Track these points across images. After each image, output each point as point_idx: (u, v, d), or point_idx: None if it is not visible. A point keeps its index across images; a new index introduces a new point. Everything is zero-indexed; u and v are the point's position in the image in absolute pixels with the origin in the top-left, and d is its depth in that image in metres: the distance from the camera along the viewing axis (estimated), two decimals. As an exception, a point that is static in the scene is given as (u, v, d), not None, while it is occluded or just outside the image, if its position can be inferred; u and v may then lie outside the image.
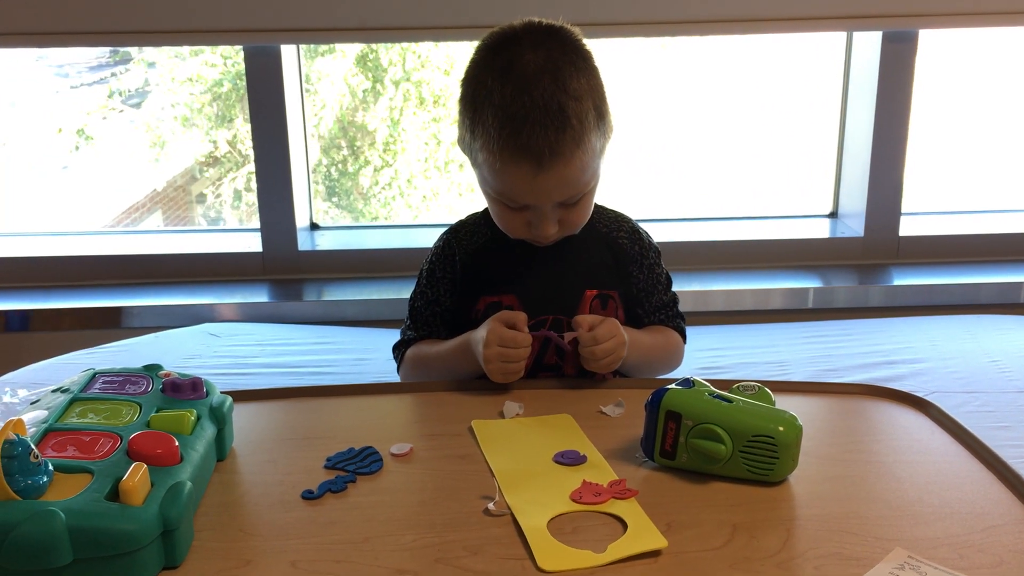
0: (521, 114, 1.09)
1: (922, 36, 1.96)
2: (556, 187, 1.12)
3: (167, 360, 1.65)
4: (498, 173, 1.13)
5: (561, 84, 1.10)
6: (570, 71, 1.11)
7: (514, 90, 1.10)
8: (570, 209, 1.17)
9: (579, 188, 1.14)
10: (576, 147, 1.10)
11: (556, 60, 1.11)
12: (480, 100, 1.13)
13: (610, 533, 0.83)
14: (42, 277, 2.06)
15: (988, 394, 1.51)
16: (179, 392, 0.97)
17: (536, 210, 1.15)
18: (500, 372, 1.15)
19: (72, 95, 3.20)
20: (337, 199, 3.25)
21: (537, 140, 1.08)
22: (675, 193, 2.77)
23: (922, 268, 2.08)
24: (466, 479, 0.93)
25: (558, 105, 1.09)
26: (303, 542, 0.82)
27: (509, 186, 1.14)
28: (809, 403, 1.12)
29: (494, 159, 1.12)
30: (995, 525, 0.84)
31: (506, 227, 1.21)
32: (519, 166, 1.10)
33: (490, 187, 1.17)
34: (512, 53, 1.12)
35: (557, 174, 1.10)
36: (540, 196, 1.13)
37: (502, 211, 1.19)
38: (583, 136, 1.10)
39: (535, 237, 1.19)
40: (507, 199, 1.16)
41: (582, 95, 1.11)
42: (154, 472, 0.80)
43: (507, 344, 1.14)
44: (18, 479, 0.75)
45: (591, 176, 1.15)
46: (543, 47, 1.12)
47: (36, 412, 0.90)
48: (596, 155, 1.15)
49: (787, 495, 0.89)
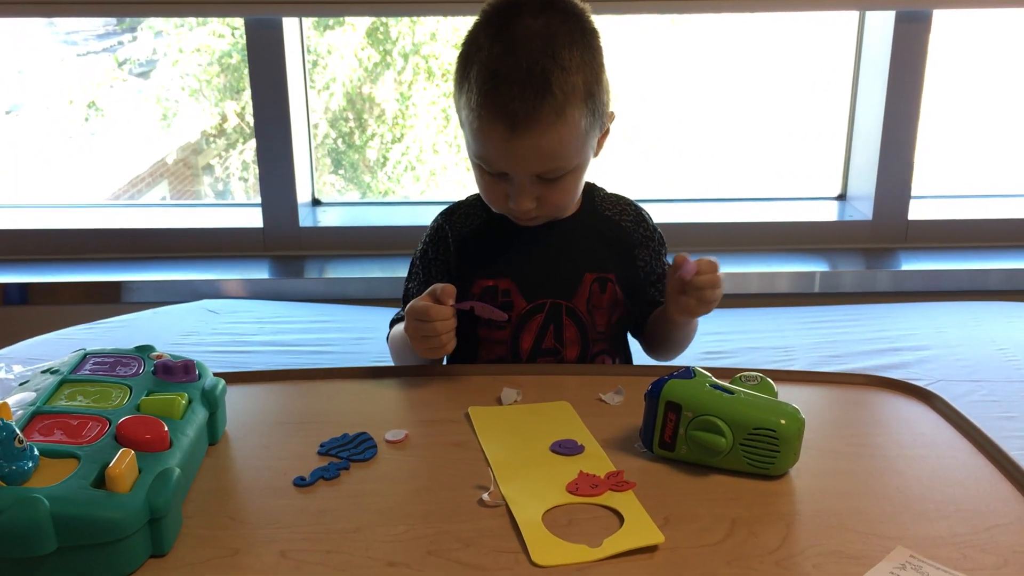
0: (503, 72, 1.06)
1: (936, 16, 1.93)
2: (531, 156, 1.09)
3: (165, 337, 1.66)
4: (476, 133, 1.11)
5: (551, 51, 1.06)
6: (565, 41, 1.08)
7: (503, 50, 1.07)
8: (549, 186, 1.13)
9: (557, 163, 1.11)
10: (556, 118, 1.07)
11: (553, 28, 1.08)
12: (471, 57, 1.11)
13: (606, 527, 0.81)
14: (42, 250, 2.05)
15: (994, 383, 1.49)
16: (171, 375, 0.95)
17: (513, 181, 1.13)
18: (423, 347, 1.13)
19: (79, 63, 3.18)
20: (344, 172, 3.23)
21: (514, 102, 1.06)
22: (683, 173, 2.74)
23: (930, 253, 2.06)
24: (461, 467, 0.92)
25: (542, 70, 1.06)
26: (293, 531, 0.81)
27: (486, 148, 1.11)
28: (812, 393, 1.10)
29: (473, 117, 1.10)
30: (999, 524, 0.82)
31: (487, 197, 1.19)
32: (494, 127, 1.08)
33: (471, 149, 1.15)
34: (512, 15, 1.09)
35: (532, 142, 1.07)
36: (514, 163, 1.10)
37: (481, 177, 1.16)
38: (565, 108, 1.07)
39: (513, 212, 1.16)
40: (485, 163, 1.13)
41: (571, 67, 1.07)
42: (142, 458, 0.79)
43: (420, 318, 1.11)
44: (2, 464, 0.73)
45: (573, 154, 1.11)
46: (544, 14, 1.09)
47: (24, 394, 0.89)
48: (580, 134, 1.10)
49: (788, 489, 0.88)
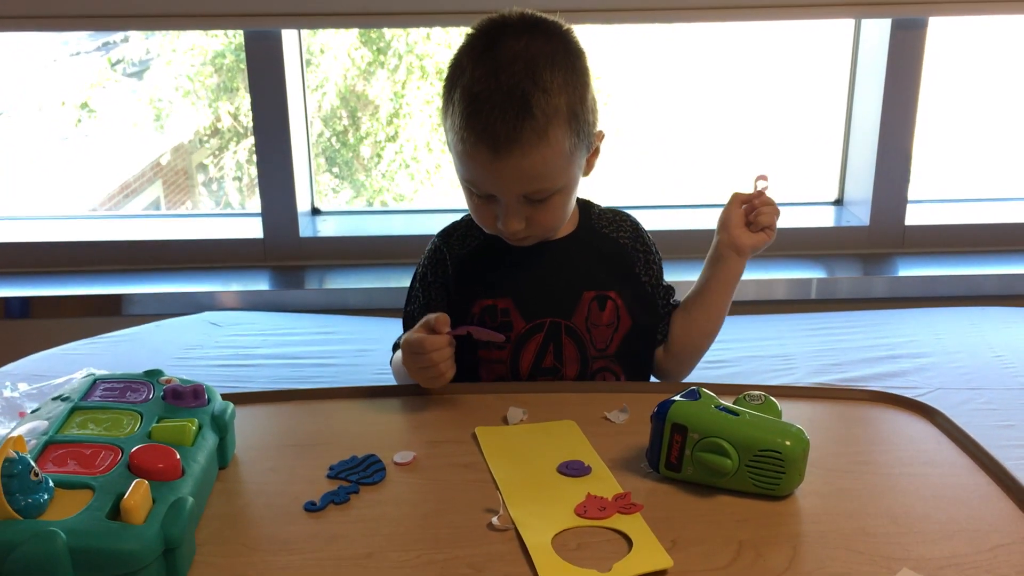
0: (484, 95, 1.07)
1: (931, 23, 1.94)
2: (514, 177, 1.10)
3: (168, 350, 1.66)
4: (461, 156, 1.12)
5: (531, 73, 1.07)
6: (547, 63, 1.08)
7: (484, 72, 1.08)
8: (537, 207, 1.14)
9: (542, 184, 1.11)
10: (538, 139, 1.07)
11: (535, 50, 1.09)
12: (454, 80, 1.12)
13: (615, 551, 0.82)
14: (42, 263, 2.05)
15: (992, 391, 1.50)
16: (180, 400, 0.96)
17: (501, 202, 1.14)
18: (422, 379, 1.13)
19: (71, 63, 3.17)
20: (338, 170, 3.23)
21: (495, 124, 1.07)
22: (679, 179, 2.75)
23: (927, 258, 2.07)
24: (470, 490, 0.93)
25: (522, 93, 1.07)
26: (305, 558, 0.82)
27: (471, 170, 1.12)
28: (815, 410, 1.11)
29: (458, 140, 1.11)
30: (1002, 544, 0.83)
31: (478, 219, 1.20)
32: (478, 149, 1.09)
33: (459, 172, 1.16)
34: (495, 38, 1.11)
35: (515, 163, 1.08)
36: (499, 185, 1.11)
37: (471, 200, 1.18)
38: (547, 130, 1.08)
39: (504, 233, 1.17)
40: (472, 186, 1.15)
41: (552, 89, 1.08)
42: (155, 487, 0.79)
43: (416, 350, 1.11)
44: (18, 498, 0.74)
45: (557, 174, 1.12)
46: (526, 35, 1.10)
47: (36, 422, 0.90)
48: (565, 155, 1.11)
49: (794, 510, 0.89)
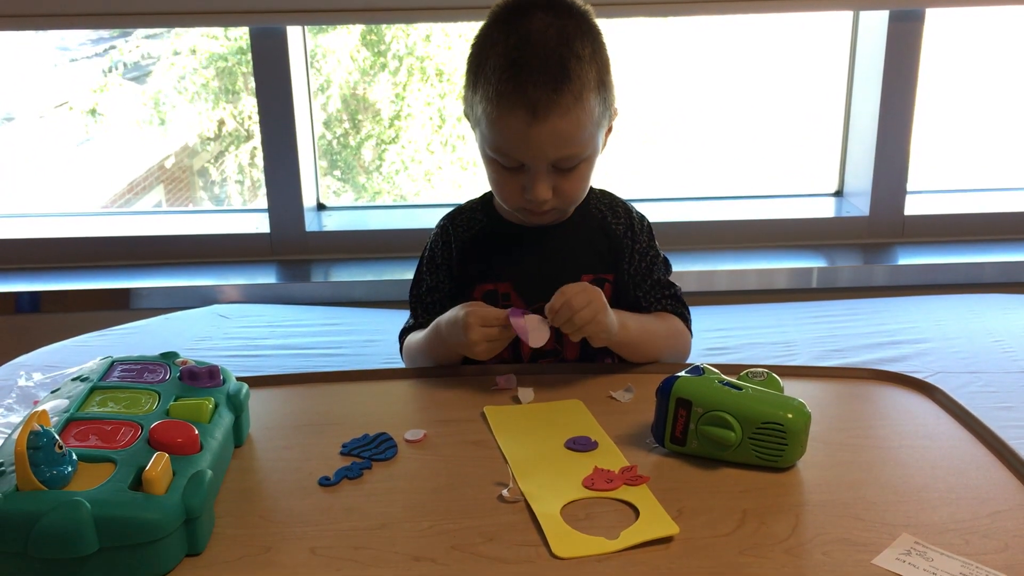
0: (522, 60, 1.10)
1: (929, 15, 1.96)
2: (550, 141, 1.12)
3: (178, 342, 1.68)
4: (495, 123, 1.13)
5: (566, 41, 1.11)
6: (576, 33, 1.13)
7: (519, 40, 1.12)
8: (565, 176, 1.16)
9: (574, 149, 1.14)
10: (574, 102, 1.11)
11: (564, 24, 1.13)
12: (485, 53, 1.15)
13: (622, 519, 0.84)
14: (52, 258, 2.07)
15: (991, 374, 1.52)
16: (196, 380, 0.98)
17: (530, 171, 1.15)
18: (487, 351, 1.16)
19: (72, 68, 3.19)
20: (340, 172, 3.25)
21: (536, 88, 1.09)
22: (681, 172, 2.77)
23: (927, 247, 2.09)
24: (480, 465, 0.95)
25: (559, 57, 1.10)
26: (321, 529, 0.84)
27: (504, 138, 1.14)
28: (816, 388, 1.13)
29: (492, 107, 1.12)
30: (1000, 511, 0.85)
31: (501, 193, 1.21)
32: (514, 113, 1.11)
33: (487, 143, 1.17)
34: (523, 14, 1.14)
35: (552, 126, 1.10)
36: (534, 150, 1.13)
37: (498, 173, 1.19)
38: (582, 93, 1.11)
39: (529, 204, 1.18)
40: (502, 155, 1.16)
41: (585, 57, 1.12)
42: (175, 461, 0.82)
43: (488, 322, 1.15)
44: (43, 469, 0.76)
45: (587, 140, 1.15)
46: (552, 11, 1.14)
47: (57, 401, 0.92)
48: (594, 120, 1.14)
49: (796, 481, 0.91)
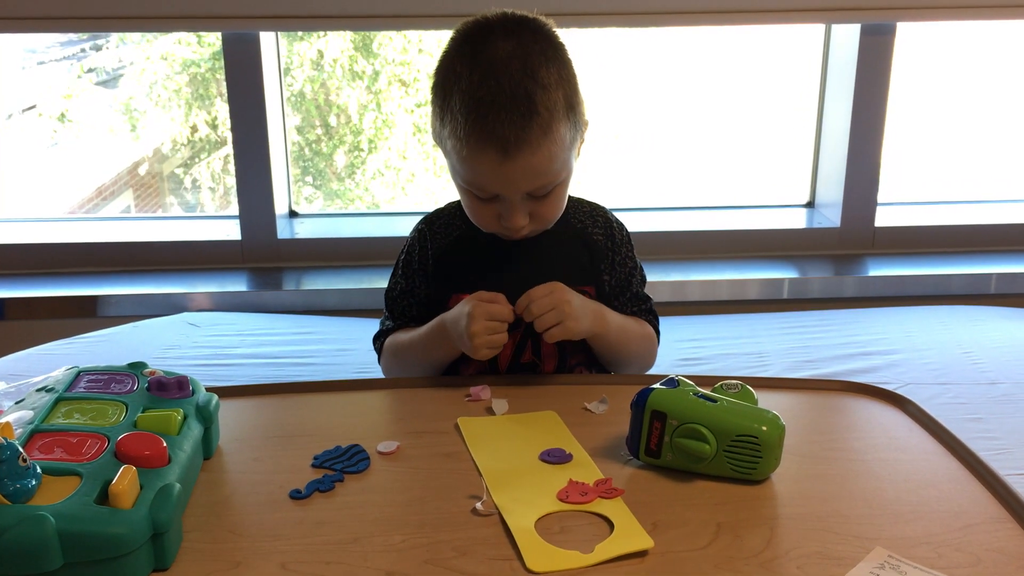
0: (488, 99, 1.08)
1: (900, 28, 1.98)
2: (523, 176, 1.11)
3: (147, 351, 1.66)
4: (465, 160, 1.12)
5: (530, 72, 1.09)
6: (540, 60, 1.10)
7: (482, 76, 1.09)
8: (540, 201, 1.16)
9: (548, 179, 1.13)
10: (543, 136, 1.09)
11: (527, 48, 1.10)
12: (449, 86, 1.12)
13: (597, 533, 0.84)
14: (16, 264, 2.04)
15: (960, 386, 1.54)
16: (165, 391, 0.96)
17: (505, 201, 1.15)
18: (486, 345, 1.14)
19: (40, 72, 3.15)
20: (312, 179, 3.23)
21: (503, 127, 1.08)
22: (653, 182, 2.78)
23: (897, 259, 2.11)
24: (453, 477, 0.94)
25: (525, 92, 1.08)
26: (292, 543, 0.83)
27: (476, 174, 1.13)
28: (790, 400, 1.13)
29: (461, 146, 1.11)
30: (972, 524, 0.86)
31: (477, 220, 1.20)
32: (485, 152, 1.09)
33: (459, 176, 1.16)
34: (483, 41, 1.12)
35: (524, 163, 1.09)
36: (507, 185, 1.12)
37: (472, 202, 1.18)
38: (551, 125, 1.09)
39: (506, 230, 1.18)
40: (476, 188, 1.15)
41: (551, 84, 1.10)
42: (142, 474, 0.80)
43: (495, 318, 1.14)
44: (7, 483, 0.74)
45: (561, 167, 1.14)
46: (514, 36, 1.11)
47: (21, 412, 0.90)
48: (566, 147, 1.13)
49: (770, 493, 0.91)
